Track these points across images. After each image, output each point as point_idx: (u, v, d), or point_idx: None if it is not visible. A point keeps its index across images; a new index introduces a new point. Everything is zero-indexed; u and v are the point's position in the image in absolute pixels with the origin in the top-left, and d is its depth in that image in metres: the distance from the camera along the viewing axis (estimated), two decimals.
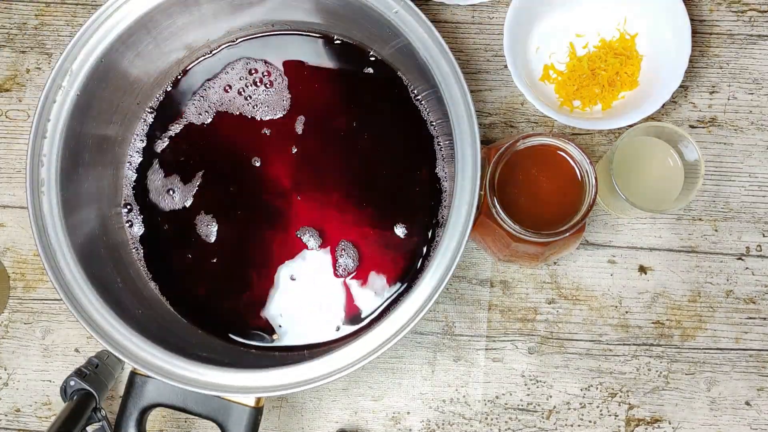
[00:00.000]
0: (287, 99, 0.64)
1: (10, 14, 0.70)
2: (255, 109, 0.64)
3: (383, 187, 0.62)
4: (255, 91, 0.64)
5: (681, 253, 0.66)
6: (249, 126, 0.64)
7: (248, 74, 0.64)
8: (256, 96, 0.64)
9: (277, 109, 0.64)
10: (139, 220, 0.63)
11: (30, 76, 0.69)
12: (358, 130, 0.63)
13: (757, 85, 0.67)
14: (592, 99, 0.66)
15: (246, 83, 0.64)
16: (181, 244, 0.63)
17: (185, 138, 0.64)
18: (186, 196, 0.64)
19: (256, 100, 0.64)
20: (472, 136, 0.53)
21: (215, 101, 0.64)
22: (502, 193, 0.54)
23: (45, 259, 0.54)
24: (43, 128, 0.56)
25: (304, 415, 0.65)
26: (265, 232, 0.62)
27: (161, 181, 0.64)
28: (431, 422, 0.64)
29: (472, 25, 0.68)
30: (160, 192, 0.64)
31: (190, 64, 0.65)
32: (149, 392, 0.53)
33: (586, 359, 0.65)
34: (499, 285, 0.65)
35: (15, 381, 0.66)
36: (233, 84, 0.64)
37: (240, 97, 0.64)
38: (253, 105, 0.64)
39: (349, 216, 0.62)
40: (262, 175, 0.63)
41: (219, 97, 0.64)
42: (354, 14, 0.59)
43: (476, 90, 0.67)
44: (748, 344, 0.65)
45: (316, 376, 0.51)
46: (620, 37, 0.66)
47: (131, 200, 0.64)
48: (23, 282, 0.67)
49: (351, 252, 0.62)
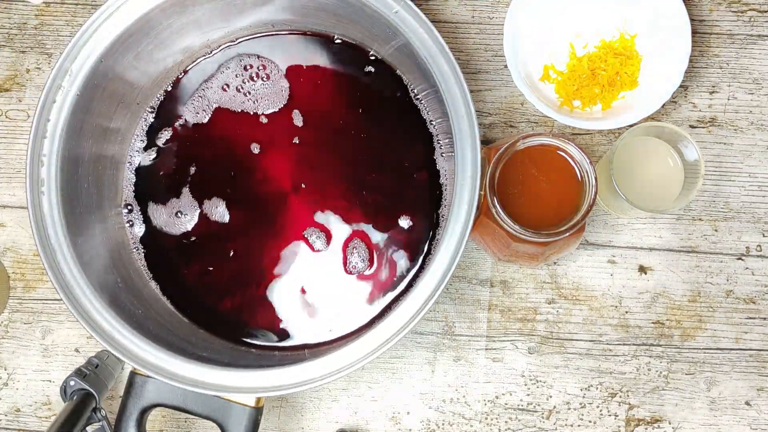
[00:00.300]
0: (285, 90, 0.64)
1: (10, 14, 0.70)
2: (255, 105, 0.64)
3: (383, 186, 0.62)
4: (253, 87, 0.64)
5: (681, 253, 0.66)
6: (250, 124, 0.64)
7: (243, 70, 0.64)
8: (254, 92, 0.64)
9: (277, 104, 0.64)
10: (140, 220, 0.63)
11: (30, 76, 0.69)
12: (358, 130, 0.63)
13: (757, 85, 0.67)
14: (592, 99, 0.66)
15: (243, 79, 0.64)
16: (182, 244, 0.63)
17: (186, 138, 0.64)
18: (187, 196, 0.64)
19: (255, 96, 0.64)
20: (472, 136, 0.53)
21: (215, 100, 0.64)
22: (502, 193, 0.54)
23: (45, 259, 0.54)
24: (43, 128, 0.56)
25: (304, 415, 0.65)
26: (266, 231, 0.62)
27: (162, 180, 0.64)
28: (431, 422, 0.64)
29: (472, 25, 0.68)
30: (161, 192, 0.64)
31: (190, 64, 0.65)
32: (149, 392, 0.53)
33: (586, 359, 0.65)
34: (499, 285, 0.65)
35: (15, 381, 0.66)
36: (230, 82, 0.64)
37: (239, 94, 0.64)
38: (252, 101, 0.64)
39: (350, 215, 0.62)
40: (264, 173, 0.63)
41: (218, 95, 0.64)
42: (354, 14, 0.59)
43: (476, 90, 0.67)
44: (748, 344, 0.65)
45: (316, 376, 0.51)
46: (620, 37, 0.66)
47: (131, 200, 0.64)
48: (23, 282, 0.67)
49: (352, 251, 0.62)
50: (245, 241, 0.62)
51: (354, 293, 0.61)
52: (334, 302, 0.61)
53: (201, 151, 0.64)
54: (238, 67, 0.65)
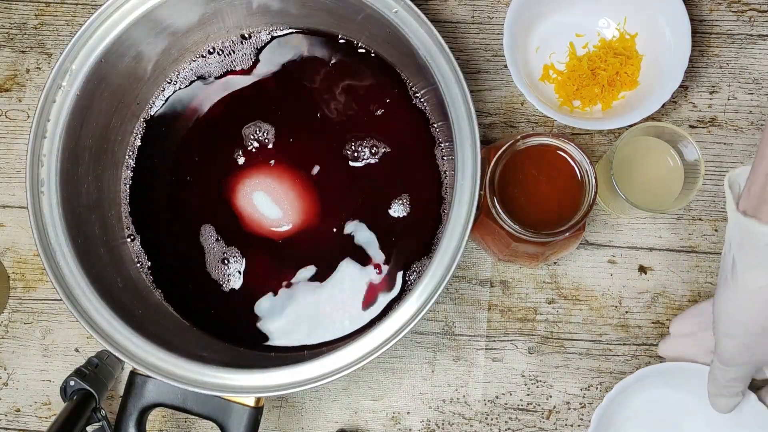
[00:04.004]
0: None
1: (10, 14, 0.70)
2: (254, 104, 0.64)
3: (382, 187, 0.62)
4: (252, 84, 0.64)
5: (681, 253, 0.66)
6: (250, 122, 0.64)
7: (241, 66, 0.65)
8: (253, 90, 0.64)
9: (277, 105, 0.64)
10: (140, 220, 0.63)
11: (30, 76, 0.69)
12: (357, 129, 0.63)
13: (757, 85, 0.67)
14: (592, 99, 0.66)
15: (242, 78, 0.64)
16: (182, 244, 0.63)
17: (186, 137, 0.64)
18: (187, 197, 0.64)
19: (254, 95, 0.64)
20: (472, 136, 0.53)
21: (215, 98, 0.64)
22: (502, 193, 0.54)
23: (45, 259, 0.54)
24: (43, 128, 0.56)
25: (304, 415, 0.65)
26: (267, 230, 0.62)
27: (162, 181, 0.64)
28: (431, 422, 0.64)
29: (472, 25, 0.68)
30: (161, 192, 0.64)
31: (190, 63, 0.65)
32: (149, 392, 0.53)
33: (586, 359, 0.65)
34: (499, 285, 0.65)
35: (15, 381, 0.66)
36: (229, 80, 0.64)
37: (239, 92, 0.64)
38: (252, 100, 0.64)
39: (349, 215, 0.62)
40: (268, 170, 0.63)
41: (218, 94, 0.64)
42: (354, 14, 0.59)
43: (476, 90, 0.67)
44: None
45: (316, 376, 0.52)
46: (620, 37, 0.66)
47: (132, 200, 0.64)
48: (23, 282, 0.67)
49: (352, 251, 0.62)
50: (246, 241, 0.62)
51: (354, 293, 0.61)
52: (334, 303, 0.61)
53: (203, 150, 0.64)
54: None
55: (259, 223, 0.63)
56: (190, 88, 0.65)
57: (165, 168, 0.64)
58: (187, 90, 0.65)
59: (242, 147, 0.63)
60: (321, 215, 0.62)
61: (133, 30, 0.57)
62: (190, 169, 0.64)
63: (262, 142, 0.63)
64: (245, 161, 0.63)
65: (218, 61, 0.65)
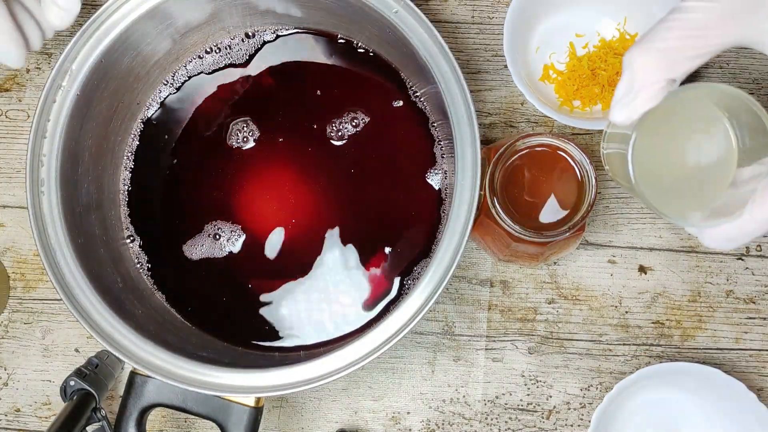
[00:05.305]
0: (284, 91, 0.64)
1: None
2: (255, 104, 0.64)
3: (382, 186, 0.62)
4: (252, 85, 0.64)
5: (681, 253, 0.66)
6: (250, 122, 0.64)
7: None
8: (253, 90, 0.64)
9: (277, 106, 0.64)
10: (140, 220, 0.63)
11: (30, 76, 0.69)
12: (357, 128, 0.63)
13: (757, 85, 0.67)
14: (592, 99, 0.66)
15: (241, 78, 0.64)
16: (182, 244, 0.63)
17: (186, 137, 0.64)
18: (187, 197, 0.64)
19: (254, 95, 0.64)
20: (472, 136, 0.53)
21: (214, 98, 0.64)
22: (502, 193, 0.54)
23: (45, 259, 0.54)
24: (43, 128, 0.56)
25: (304, 415, 0.65)
26: (268, 230, 0.62)
27: (162, 181, 0.64)
28: (431, 422, 0.64)
29: (472, 25, 0.68)
30: (162, 192, 0.64)
31: (190, 63, 0.65)
32: (149, 392, 0.53)
33: (586, 359, 0.65)
34: (499, 285, 0.65)
35: (15, 381, 0.66)
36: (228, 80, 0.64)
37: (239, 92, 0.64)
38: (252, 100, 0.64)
39: (348, 215, 0.62)
40: (265, 170, 0.63)
41: (217, 94, 0.64)
42: (354, 14, 0.59)
43: (476, 90, 0.67)
44: (748, 344, 0.65)
45: (315, 376, 0.52)
46: (620, 37, 0.66)
47: (131, 200, 0.64)
48: (23, 282, 0.67)
49: (352, 251, 0.62)
50: (246, 240, 0.62)
51: (354, 294, 0.61)
52: (334, 303, 0.61)
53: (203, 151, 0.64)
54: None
55: (261, 222, 0.63)
56: (189, 88, 0.65)
57: (165, 168, 0.64)
58: (186, 90, 0.65)
59: (242, 147, 0.63)
60: (321, 215, 0.62)
61: (134, 30, 0.57)
62: (189, 169, 0.64)
63: (262, 142, 0.63)
64: (245, 161, 0.63)
65: (217, 60, 0.65)
